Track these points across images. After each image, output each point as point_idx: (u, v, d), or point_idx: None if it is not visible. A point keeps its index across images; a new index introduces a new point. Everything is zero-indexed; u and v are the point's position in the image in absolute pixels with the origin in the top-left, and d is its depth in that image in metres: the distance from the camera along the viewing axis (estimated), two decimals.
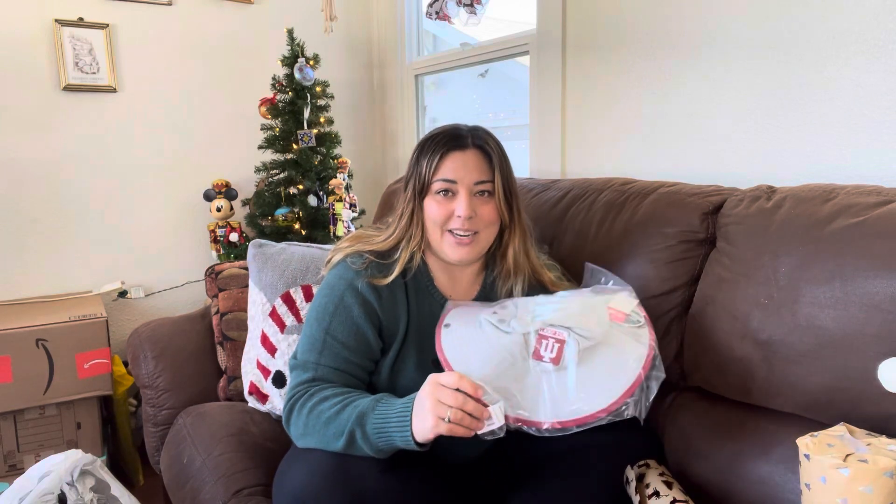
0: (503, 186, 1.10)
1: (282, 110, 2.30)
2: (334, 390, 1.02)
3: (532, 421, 0.92)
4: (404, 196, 1.14)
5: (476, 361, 0.97)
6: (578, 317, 1.00)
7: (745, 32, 1.42)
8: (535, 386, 0.94)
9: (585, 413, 0.91)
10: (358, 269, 1.10)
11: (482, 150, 1.10)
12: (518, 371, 0.96)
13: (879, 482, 0.75)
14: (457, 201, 1.07)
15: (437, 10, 2.11)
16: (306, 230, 2.29)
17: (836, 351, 0.94)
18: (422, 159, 1.10)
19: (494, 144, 1.12)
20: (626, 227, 1.27)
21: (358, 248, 1.13)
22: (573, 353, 0.95)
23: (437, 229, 1.09)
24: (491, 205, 1.09)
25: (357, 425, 0.93)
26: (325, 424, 0.96)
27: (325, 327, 1.08)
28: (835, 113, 1.29)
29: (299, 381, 1.06)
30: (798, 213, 1.04)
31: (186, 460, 1.33)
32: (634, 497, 1.02)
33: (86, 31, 2.22)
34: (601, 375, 0.94)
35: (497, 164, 1.10)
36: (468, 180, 1.08)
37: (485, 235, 1.10)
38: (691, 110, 1.56)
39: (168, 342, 1.61)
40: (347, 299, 1.08)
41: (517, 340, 0.99)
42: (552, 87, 1.92)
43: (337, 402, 0.98)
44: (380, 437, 0.92)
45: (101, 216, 2.32)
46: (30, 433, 1.89)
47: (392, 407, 0.93)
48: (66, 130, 2.24)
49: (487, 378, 0.93)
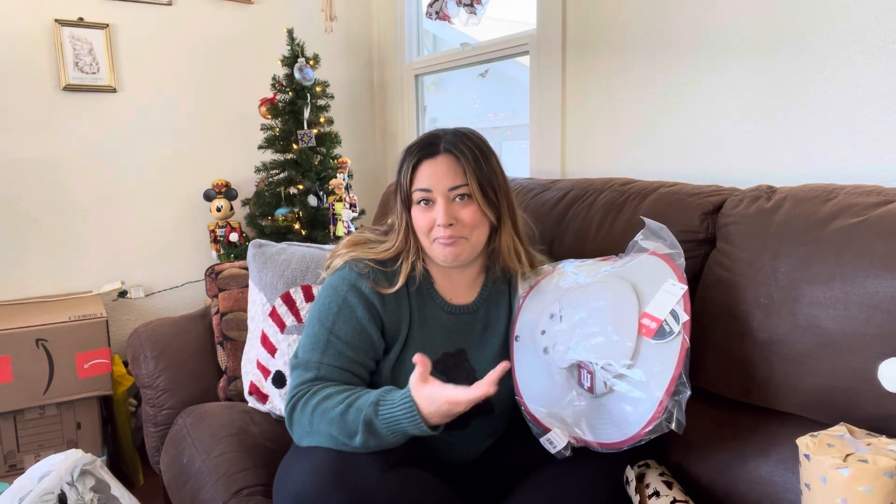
0: (480, 188, 1.08)
1: (282, 110, 2.30)
2: (336, 388, 1.02)
3: (586, 440, 1.00)
4: (395, 207, 1.14)
5: (536, 391, 1.09)
6: (606, 347, 1.01)
7: (745, 32, 1.42)
8: (582, 411, 1.03)
9: (618, 439, 0.97)
10: (361, 272, 1.10)
11: (452, 155, 1.08)
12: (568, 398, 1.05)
13: (879, 482, 0.75)
14: (435, 210, 1.07)
15: (437, 10, 2.11)
16: (306, 230, 2.29)
17: (836, 351, 0.94)
18: (401, 169, 1.11)
19: (467, 147, 1.09)
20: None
21: (358, 255, 1.13)
22: (601, 383, 1.01)
23: (426, 238, 1.10)
24: (471, 207, 1.08)
25: (365, 426, 0.94)
26: (329, 424, 0.97)
27: (328, 326, 1.08)
28: (835, 113, 1.29)
29: (301, 380, 1.06)
30: (798, 213, 1.04)
31: (186, 460, 1.33)
32: (634, 497, 1.02)
33: (86, 31, 2.22)
34: (626, 405, 0.98)
35: (469, 167, 1.07)
36: (441, 187, 1.07)
37: (474, 238, 1.10)
38: (691, 110, 1.56)
39: (168, 342, 1.61)
40: (351, 299, 1.09)
41: (563, 373, 1.06)
42: (552, 87, 1.92)
43: (341, 401, 0.98)
44: (392, 431, 0.94)
45: (101, 216, 2.32)
46: (30, 433, 1.89)
47: (394, 404, 0.94)
48: (66, 130, 2.24)
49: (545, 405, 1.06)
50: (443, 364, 1.13)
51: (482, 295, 1.18)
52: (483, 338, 1.17)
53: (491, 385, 0.88)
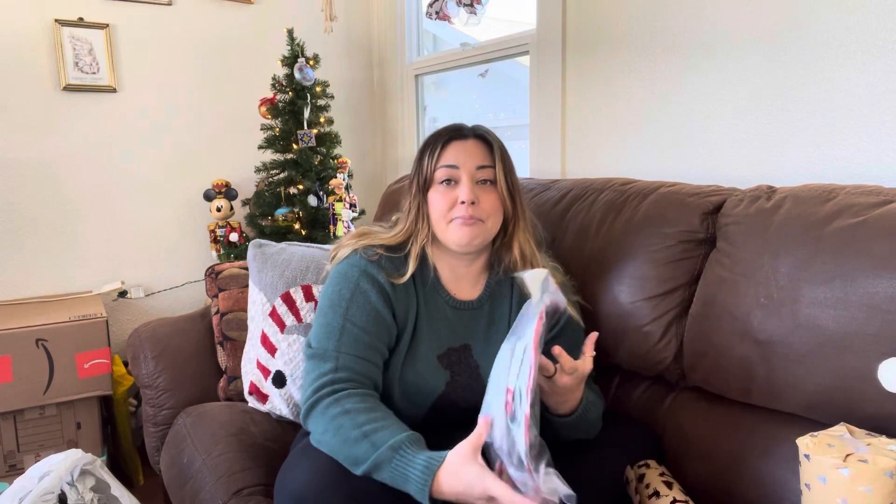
0: (505, 175, 1.11)
1: (282, 110, 2.30)
2: (358, 402, 0.97)
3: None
4: (409, 193, 1.16)
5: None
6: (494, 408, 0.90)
7: (746, 32, 1.42)
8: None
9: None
10: (371, 259, 1.11)
11: (483, 140, 1.13)
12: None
13: (879, 482, 0.75)
14: (459, 188, 1.08)
15: (437, 10, 2.11)
16: (306, 230, 2.29)
17: (836, 351, 0.94)
18: (425, 154, 1.13)
19: (495, 138, 1.14)
20: (626, 227, 1.27)
21: (366, 242, 1.14)
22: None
23: (442, 220, 1.10)
24: (494, 194, 1.10)
25: (373, 465, 0.90)
26: (342, 444, 0.93)
27: (342, 313, 1.06)
28: (835, 113, 1.29)
29: (321, 372, 1.02)
30: (798, 213, 1.04)
31: (186, 460, 1.33)
32: (634, 497, 1.02)
33: (86, 31, 2.22)
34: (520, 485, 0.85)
35: (498, 153, 1.12)
36: (470, 165, 1.09)
37: (489, 224, 1.11)
38: (691, 110, 1.56)
39: (168, 342, 1.61)
40: (363, 284, 1.08)
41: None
42: (552, 87, 1.92)
43: (360, 425, 0.93)
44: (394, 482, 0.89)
45: (102, 216, 2.32)
46: (30, 433, 1.89)
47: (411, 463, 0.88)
48: (66, 130, 2.24)
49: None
50: (447, 359, 1.13)
51: (486, 292, 1.18)
52: (488, 335, 1.17)
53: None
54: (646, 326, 1.21)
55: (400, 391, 1.09)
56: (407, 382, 1.09)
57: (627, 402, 1.29)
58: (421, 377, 1.10)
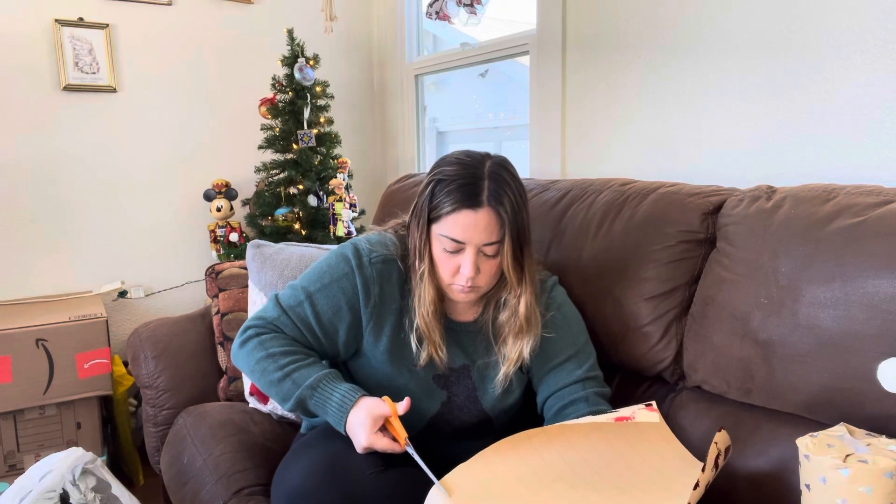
0: (511, 247, 1.05)
1: (282, 110, 2.30)
2: (283, 346, 1.06)
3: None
4: (414, 225, 1.09)
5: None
6: None
7: (746, 32, 1.42)
8: None
9: None
10: (386, 259, 1.11)
11: (494, 210, 1.02)
12: None
13: (879, 482, 0.75)
14: (462, 258, 1.04)
15: (437, 10, 2.11)
16: (306, 230, 2.29)
17: (836, 351, 0.94)
18: (432, 200, 1.04)
19: (507, 199, 1.03)
20: (626, 228, 1.27)
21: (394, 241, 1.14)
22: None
23: (442, 280, 1.08)
24: (495, 260, 1.06)
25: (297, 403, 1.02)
26: (268, 386, 1.05)
27: (310, 292, 1.10)
28: (835, 113, 1.29)
29: (262, 315, 1.10)
30: (798, 213, 1.04)
31: (186, 460, 1.33)
32: None
33: (86, 31, 2.22)
34: None
35: (507, 224, 1.03)
36: (476, 241, 1.03)
37: (487, 286, 1.09)
38: (691, 110, 1.56)
39: (168, 342, 1.61)
40: (344, 283, 1.09)
41: None
42: (552, 87, 1.92)
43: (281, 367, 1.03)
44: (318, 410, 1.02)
45: (102, 216, 2.32)
46: (30, 433, 1.90)
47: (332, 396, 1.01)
48: (66, 130, 2.24)
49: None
50: (445, 379, 1.12)
51: (483, 315, 1.16)
52: (488, 356, 1.15)
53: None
54: (646, 326, 1.21)
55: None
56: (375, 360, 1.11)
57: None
58: (415, 397, 1.10)
